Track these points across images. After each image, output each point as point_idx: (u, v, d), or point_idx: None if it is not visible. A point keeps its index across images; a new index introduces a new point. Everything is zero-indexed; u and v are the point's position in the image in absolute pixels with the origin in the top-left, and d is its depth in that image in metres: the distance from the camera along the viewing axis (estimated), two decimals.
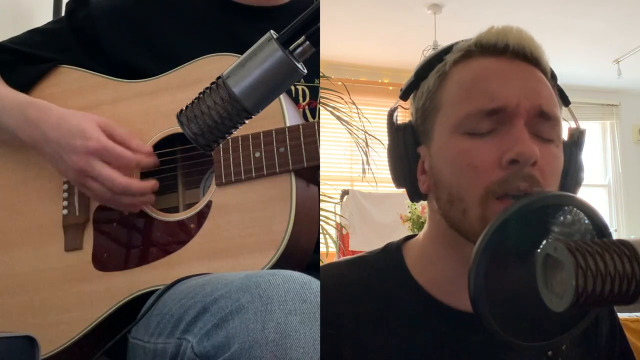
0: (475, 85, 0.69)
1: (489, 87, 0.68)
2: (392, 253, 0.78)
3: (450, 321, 0.71)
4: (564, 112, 0.75)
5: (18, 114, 1.07)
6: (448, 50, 0.74)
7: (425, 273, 0.74)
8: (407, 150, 0.74)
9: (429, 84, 0.73)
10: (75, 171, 1.02)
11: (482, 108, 0.67)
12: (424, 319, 0.72)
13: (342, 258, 0.90)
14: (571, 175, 0.73)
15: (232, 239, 0.97)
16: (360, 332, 0.72)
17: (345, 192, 4.21)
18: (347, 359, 0.71)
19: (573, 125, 0.76)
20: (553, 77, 0.74)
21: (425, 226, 0.77)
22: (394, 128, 0.76)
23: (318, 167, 0.98)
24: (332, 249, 2.67)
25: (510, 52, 0.70)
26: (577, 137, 0.75)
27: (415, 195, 0.75)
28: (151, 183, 1.03)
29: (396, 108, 0.77)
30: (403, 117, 0.79)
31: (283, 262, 0.94)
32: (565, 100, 0.75)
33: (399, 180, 0.76)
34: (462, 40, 0.74)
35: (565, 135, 0.75)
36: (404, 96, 0.77)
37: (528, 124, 0.67)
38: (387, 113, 0.77)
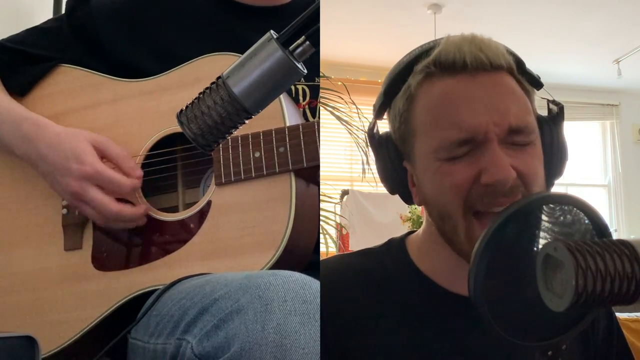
0: (443, 114, 0.70)
1: (456, 116, 0.69)
2: (396, 245, 0.81)
3: (451, 305, 0.74)
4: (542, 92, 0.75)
5: (14, 129, 1.07)
6: (410, 67, 0.73)
7: (427, 263, 0.78)
8: (393, 166, 0.77)
9: (399, 106, 0.74)
10: (69, 194, 1.02)
11: (452, 140, 0.69)
12: (427, 302, 0.75)
13: (346, 252, 0.92)
14: (555, 152, 0.74)
15: (232, 239, 0.97)
16: (366, 315, 0.75)
17: (345, 192, 4.21)
18: (353, 343, 0.73)
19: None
20: (519, 67, 0.72)
21: (424, 224, 0.80)
22: (376, 145, 0.78)
23: (318, 167, 0.98)
24: (332, 249, 2.67)
25: (469, 68, 0.69)
26: (556, 112, 0.76)
27: (409, 200, 0.79)
28: (142, 208, 1.03)
29: (374, 126, 0.79)
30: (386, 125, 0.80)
31: (283, 262, 0.94)
32: (537, 84, 0.74)
33: (391, 190, 0.80)
34: (418, 51, 0.73)
35: (545, 112, 0.76)
36: (378, 116, 0.79)
37: (502, 141, 0.68)
38: (366, 133, 0.79)
